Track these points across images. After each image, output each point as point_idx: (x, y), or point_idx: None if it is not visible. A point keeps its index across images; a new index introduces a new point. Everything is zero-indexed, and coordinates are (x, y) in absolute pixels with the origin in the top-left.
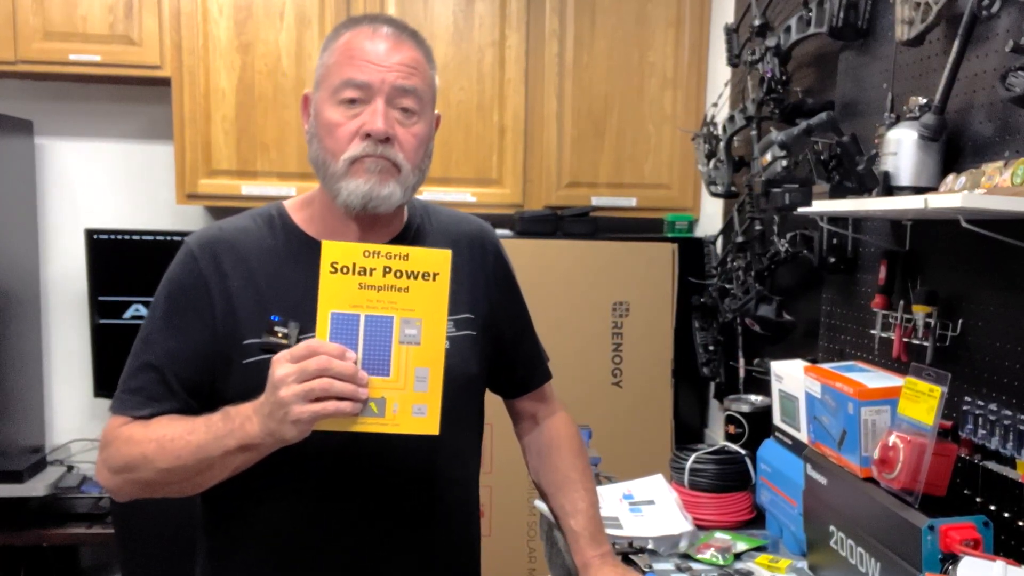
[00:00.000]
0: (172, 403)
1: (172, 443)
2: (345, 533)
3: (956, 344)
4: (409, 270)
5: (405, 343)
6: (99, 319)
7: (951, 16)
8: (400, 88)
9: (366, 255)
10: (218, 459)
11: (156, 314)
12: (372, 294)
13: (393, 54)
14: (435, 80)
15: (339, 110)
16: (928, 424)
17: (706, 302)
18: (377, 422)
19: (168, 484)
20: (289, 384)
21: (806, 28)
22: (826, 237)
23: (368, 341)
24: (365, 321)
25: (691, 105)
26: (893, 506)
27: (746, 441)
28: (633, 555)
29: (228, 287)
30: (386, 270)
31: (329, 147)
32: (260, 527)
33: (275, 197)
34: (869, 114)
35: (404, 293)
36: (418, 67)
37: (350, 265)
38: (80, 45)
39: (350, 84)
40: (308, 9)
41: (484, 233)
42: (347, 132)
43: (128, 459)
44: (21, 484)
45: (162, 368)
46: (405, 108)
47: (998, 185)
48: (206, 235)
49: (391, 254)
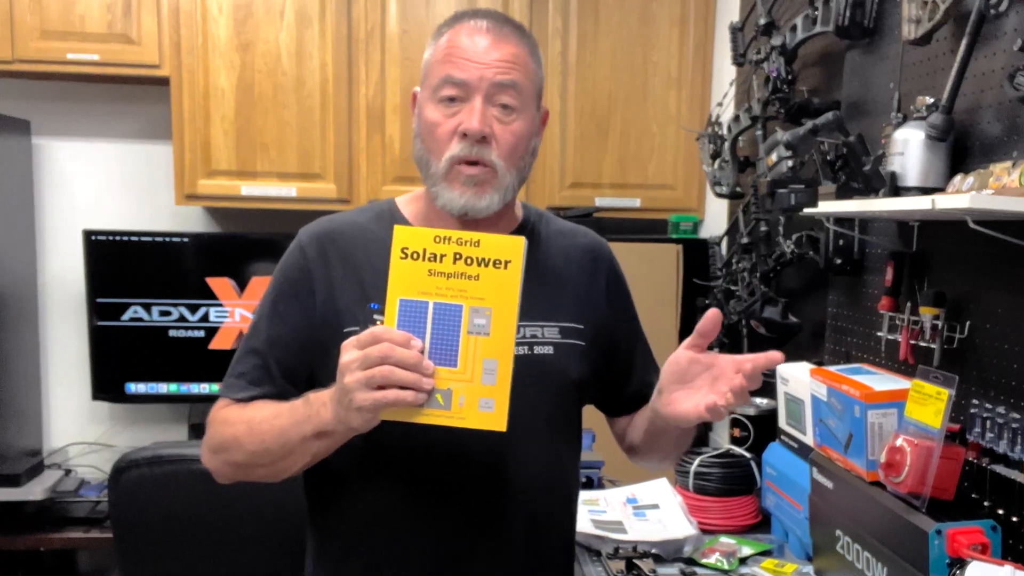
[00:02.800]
0: (270, 388)
1: (260, 426)
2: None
3: (964, 346)
4: (480, 257)
5: (474, 333)
6: (97, 321)
7: (958, 15)
8: (498, 84)
9: (437, 240)
10: (298, 444)
11: (265, 302)
12: (441, 281)
13: (492, 50)
14: (541, 73)
15: (439, 109)
16: (935, 427)
17: (711, 304)
18: (443, 414)
19: (256, 467)
20: (353, 371)
21: (812, 27)
22: (832, 238)
23: (436, 329)
24: (433, 309)
25: (696, 105)
26: (900, 510)
27: (751, 444)
28: (637, 559)
29: (332, 277)
30: (456, 256)
31: (429, 146)
32: (355, 517)
33: (275, 198)
34: (876, 114)
35: (474, 281)
36: (518, 62)
37: (420, 251)
38: (78, 44)
39: (448, 81)
40: (308, 8)
41: (598, 247)
42: (446, 131)
43: (223, 440)
44: (18, 488)
45: (264, 354)
46: (504, 105)
47: (1006, 186)
48: (316, 226)
49: (462, 240)
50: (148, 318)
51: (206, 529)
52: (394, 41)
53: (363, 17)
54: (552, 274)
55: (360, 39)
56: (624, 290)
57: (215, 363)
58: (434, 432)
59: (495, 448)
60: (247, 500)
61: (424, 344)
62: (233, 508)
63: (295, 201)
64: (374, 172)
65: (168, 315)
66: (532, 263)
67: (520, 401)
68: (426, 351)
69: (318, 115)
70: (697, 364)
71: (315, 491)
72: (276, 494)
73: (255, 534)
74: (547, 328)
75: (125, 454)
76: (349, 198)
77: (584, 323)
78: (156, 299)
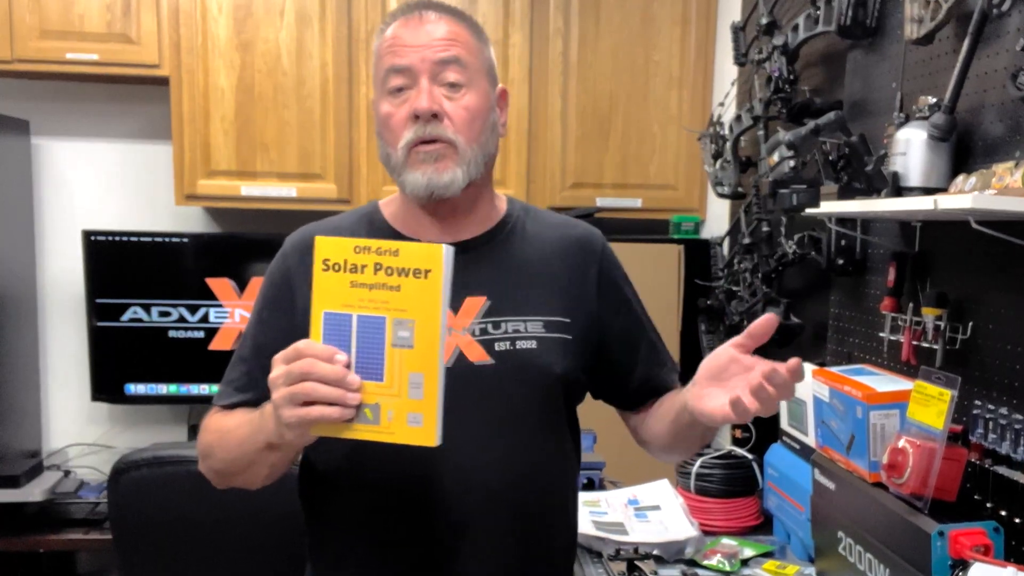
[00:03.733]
0: (253, 394)
1: (228, 435)
2: (424, 531)
3: (966, 347)
4: (400, 267)
5: (398, 346)
6: (97, 322)
7: (961, 14)
8: (441, 61)
9: (357, 251)
10: (254, 454)
11: (254, 310)
12: (364, 292)
13: (432, 32)
14: (487, 52)
15: (389, 101)
16: (938, 428)
17: (712, 304)
18: (372, 429)
19: (232, 475)
20: (278, 386)
21: (814, 26)
22: (834, 238)
23: (361, 343)
24: (357, 322)
25: (697, 104)
26: (902, 512)
27: (753, 445)
28: (639, 561)
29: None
30: (377, 267)
31: (387, 139)
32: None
33: (274, 198)
34: (878, 114)
35: (396, 292)
36: (459, 39)
37: (342, 262)
38: (77, 44)
39: (392, 71)
40: (309, 7)
41: (588, 238)
42: (399, 120)
43: (204, 447)
44: (17, 489)
45: (250, 361)
46: (451, 83)
47: (1009, 186)
48: (299, 233)
49: (381, 249)
50: (148, 319)
51: (206, 530)
52: None
53: (363, 17)
54: (536, 267)
55: (360, 38)
56: (618, 281)
57: (215, 364)
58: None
59: (480, 446)
60: (247, 502)
61: (350, 358)
62: (233, 509)
63: (295, 201)
64: (374, 172)
65: (168, 316)
66: (514, 257)
67: (503, 397)
68: (352, 365)
69: (318, 115)
70: (737, 364)
71: (307, 496)
72: (276, 496)
73: (255, 535)
74: (530, 323)
75: (124, 455)
76: (349, 198)
77: (571, 316)
78: (156, 300)
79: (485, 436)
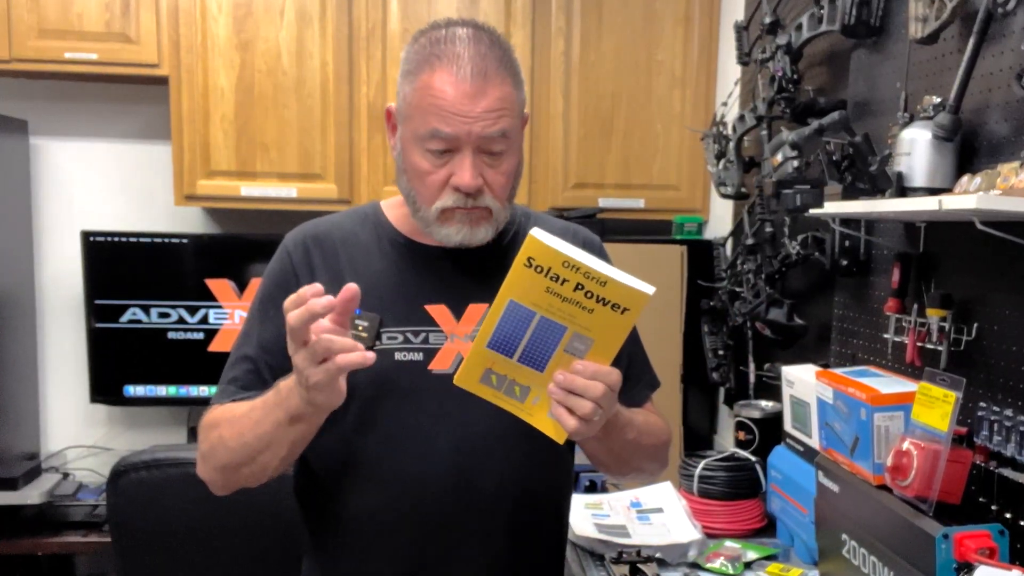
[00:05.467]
0: (259, 392)
1: (238, 420)
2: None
3: (971, 348)
4: (602, 296)
5: (570, 352)
6: (95, 323)
7: (966, 13)
8: (488, 136)
9: (565, 266)
10: (272, 433)
11: (254, 308)
12: (556, 301)
13: (479, 99)
14: (523, 98)
15: (427, 157)
16: (942, 430)
17: (715, 306)
18: (515, 404)
19: (240, 466)
20: (298, 352)
21: (818, 26)
22: (838, 239)
23: (535, 337)
24: (539, 321)
25: (700, 104)
26: (907, 514)
27: (756, 448)
28: (641, 564)
29: (316, 280)
30: (579, 286)
31: (419, 192)
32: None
33: (275, 199)
34: (882, 113)
35: (588, 313)
36: (505, 106)
37: (545, 267)
38: (76, 43)
39: (437, 136)
40: (309, 6)
41: (589, 244)
42: (436, 180)
43: (211, 443)
44: (15, 492)
45: (255, 358)
46: (493, 152)
47: (1014, 186)
48: (301, 230)
49: (590, 275)
50: (147, 320)
51: (205, 533)
52: (395, 40)
53: (364, 16)
54: None
55: (361, 38)
56: None
57: (214, 365)
58: (412, 433)
59: (480, 450)
60: (246, 504)
61: (520, 346)
62: (232, 512)
63: (295, 202)
64: (375, 172)
65: (167, 317)
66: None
67: None
68: (519, 350)
69: (319, 115)
70: None
71: (304, 495)
72: (274, 497)
73: (254, 538)
74: None
75: (123, 457)
76: (350, 198)
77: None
78: (155, 301)
79: (485, 440)
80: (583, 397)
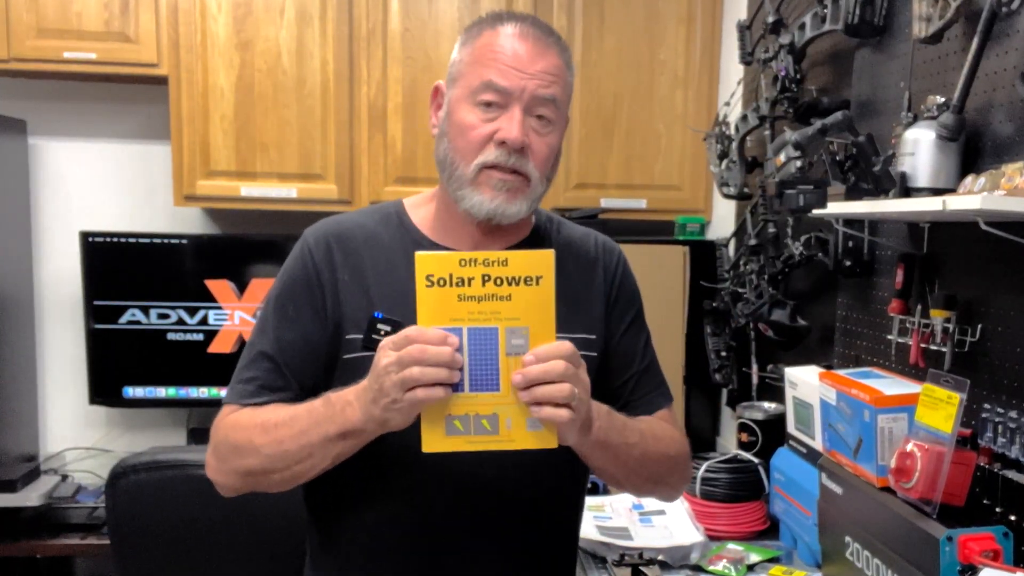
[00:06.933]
0: (287, 393)
1: (276, 429)
2: (431, 543)
3: (975, 350)
4: (510, 276)
5: (512, 354)
6: (94, 324)
7: (970, 13)
8: (540, 97)
9: (462, 264)
10: (318, 446)
11: (271, 305)
12: (473, 305)
13: (537, 60)
14: (572, 86)
15: (475, 112)
16: (946, 432)
17: (718, 307)
18: (491, 440)
19: (271, 472)
20: (389, 373)
21: (821, 25)
22: (841, 240)
23: (474, 356)
24: (468, 335)
25: (703, 104)
26: (910, 516)
27: (759, 449)
28: (644, 566)
29: (337, 281)
30: (485, 278)
31: (460, 147)
32: (353, 530)
33: (275, 199)
34: (886, 113)
35: (507, 301)
36: (559, 75)
37: (447, 276)
38: (75, 43)
39: (491, 87)
40: (309, 5)
41: (610, 253)
42: (480, 135)
43: (235, 445)
44: (14, 494)
45: (276, 357)
46: (542, 116)
47: (1018, 186)
48: (322, 227)
49: (489, 260)
50: (146, 321)
51: (204, 535)
52: (396, 40)
53: (364, 15)
54: (565, 284)
55: (361, 37)
56: (634, 297)
57: (214, 367)
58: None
59: (494, 462)
60: (246, 507)
61: (464, 373)
62: (232, 514)
63: (295, 202)
64: (376, 172)
65: (166, 318)
66: None
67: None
68: (465, 378)
69: (319, 115)
70: None
71: (315, 504)
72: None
73: (254, 541)
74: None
75: (123, 459)
76: (350, 199)
77: (595, 333)
78: (154, 302)
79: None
80: (551, 384)
